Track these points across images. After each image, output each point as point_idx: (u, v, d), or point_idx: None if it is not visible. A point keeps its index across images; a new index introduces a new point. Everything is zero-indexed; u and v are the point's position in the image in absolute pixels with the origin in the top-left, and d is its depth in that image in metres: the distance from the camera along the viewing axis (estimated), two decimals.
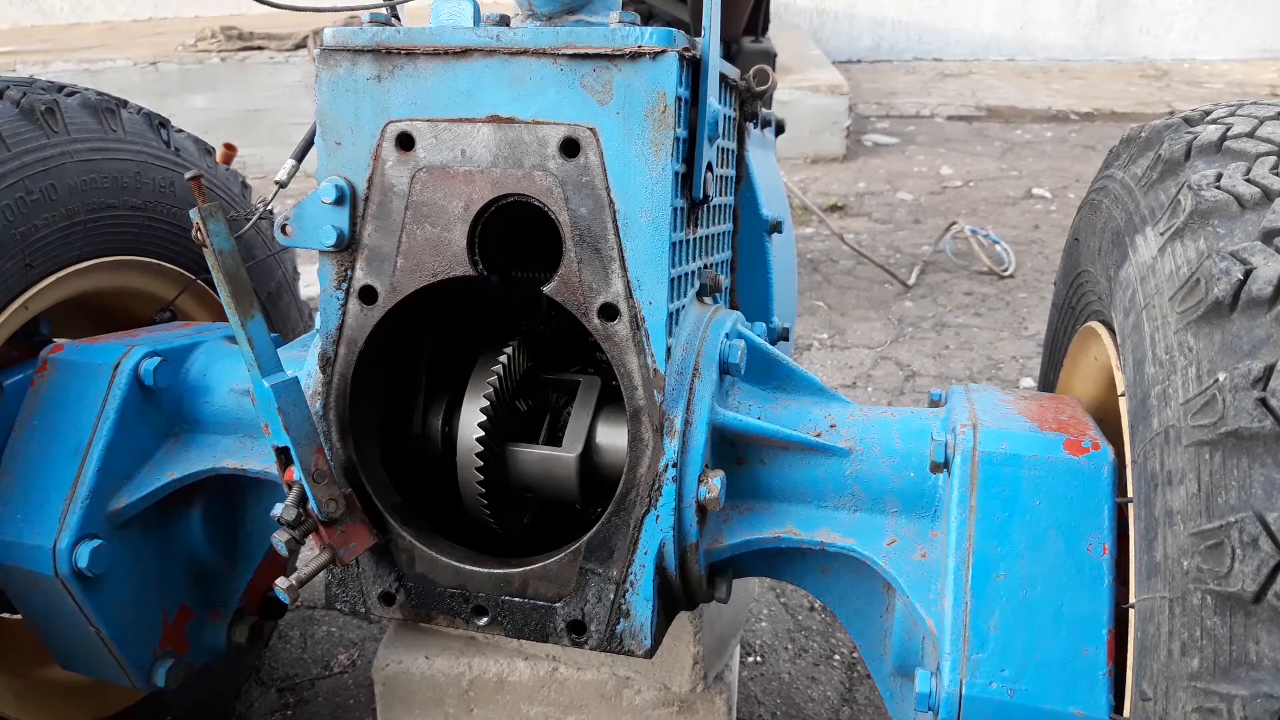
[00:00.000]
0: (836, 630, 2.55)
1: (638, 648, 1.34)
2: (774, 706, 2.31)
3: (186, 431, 1.66)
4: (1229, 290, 0.98)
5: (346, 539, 1.36)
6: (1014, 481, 1.21)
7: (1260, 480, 0.87)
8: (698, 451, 1.32)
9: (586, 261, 1.28)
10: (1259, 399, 0.90)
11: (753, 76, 1.67)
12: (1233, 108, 1.29)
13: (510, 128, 1.28)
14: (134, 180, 1.83)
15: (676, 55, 1.24)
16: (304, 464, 1.29)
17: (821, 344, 4.39)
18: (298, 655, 2.49)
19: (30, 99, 1.66)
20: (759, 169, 1.98)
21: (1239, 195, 1.07)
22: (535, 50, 1.26)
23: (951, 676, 1.14)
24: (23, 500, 1.55)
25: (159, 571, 1.67)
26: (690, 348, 1.37)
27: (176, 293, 1.98)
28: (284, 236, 1.38)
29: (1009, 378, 4.04)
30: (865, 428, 1.40)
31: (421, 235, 1.33)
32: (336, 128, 1.35)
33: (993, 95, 9.73)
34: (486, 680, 1.81)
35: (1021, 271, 5.23)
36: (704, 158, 1.34)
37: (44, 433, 1.58)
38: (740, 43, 4.32)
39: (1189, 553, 0.91)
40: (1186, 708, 0.87)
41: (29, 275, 1.64)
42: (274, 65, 7.78)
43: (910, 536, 1.33)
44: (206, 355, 1.69)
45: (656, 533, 1.32)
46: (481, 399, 1.42)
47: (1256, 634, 0.84)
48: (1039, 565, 1.17)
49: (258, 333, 1.26)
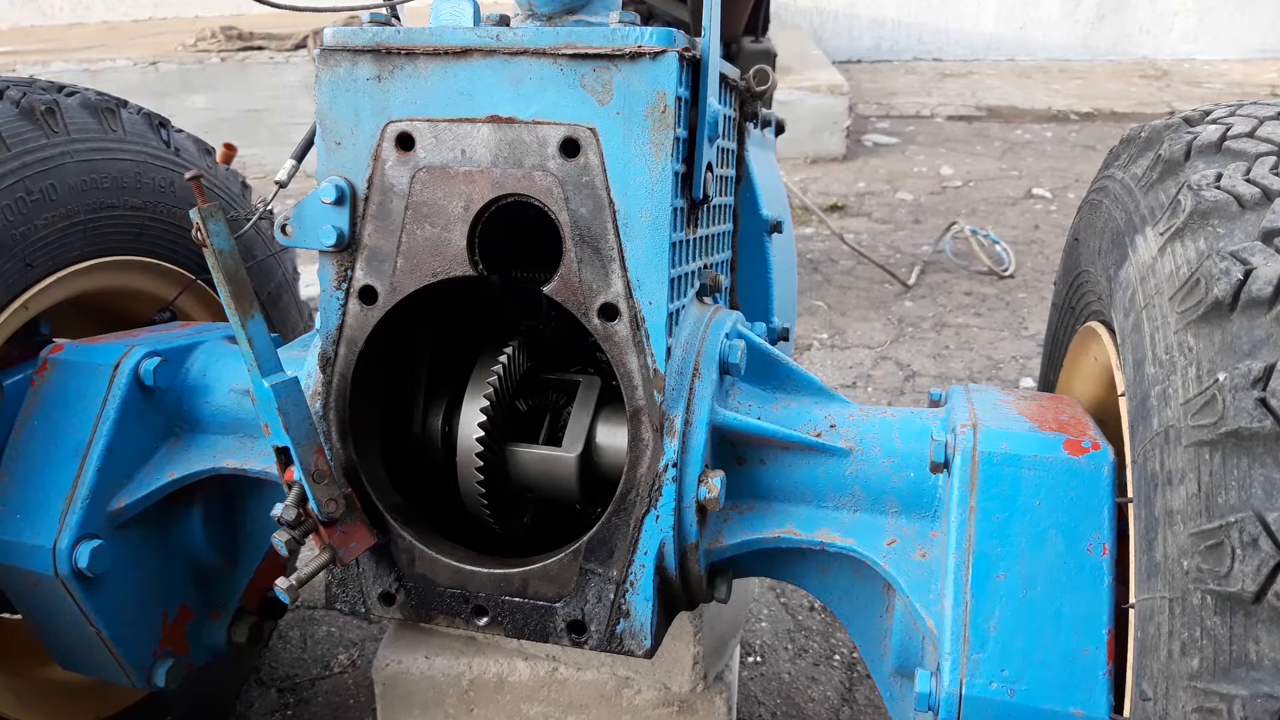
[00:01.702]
0: (836, 630, 2.55)
1: (638, 648, 1.34)
2: (774, 706, 2.31)
3: (186, 431, 1.66)
4: (1229, 290, 0.98)
5: (346, 539, 1.36)
6: (1014, 481, 1.21)
7: (1260, 480, 0.87)
8: (698, 451, 1.32)
9: (586, 261, 1.28)
10: (1259, 399, 0.90)
11: (753, 76, 1.67)
12: (1233, 108, 1.29)
13: (510, 128, 1.28)
14: (134, 180, 1.83)
15: (676, 55, 1.24)
16: (304, 464, 1.29)
17: (821, 344, 4.39)
18: (298, 655, 2.49)
19: (30, 99, 1.66)
20: (759, 169, 1.98)
21: (1239, 195, 1.07)
22: (535, 50, 1.26)
23: (951, 676, 1.14)
24: (23, 500, 1.55)
25: (159, 571, 1.67)
26: (690, 348, 1.37)
27: (176, 293, 1.98)
28: (284, 236, 1.38)
29: (1009, 378, 4.04)
30: (865, 428, 1.40)
31: (421, 235, 1.33)
32: (336, 128, 1.35)
33: (993, 95, 9.73)
34: (486, 680, 1.81)
35: (1021, 271, 5.23)
36: (704, 158, 1.34)
37: (44, 433, 1.58)
38: (740, 43, 4.32)
39: (1189, 553, 0.91)
40: (1186, 708, 0.87)
41: (29, 275, 1.64)
42: (274, 65, 7.78)
43: (910, 536, 1.33)
44: (206, 355, 1.69)
45: (656, 533, 1.32)
46: (481, 399, 1.42)
47: (1256, 634, 0.84)
48: (1039, 565, 1.17)
49: (258, 333, 1.26)
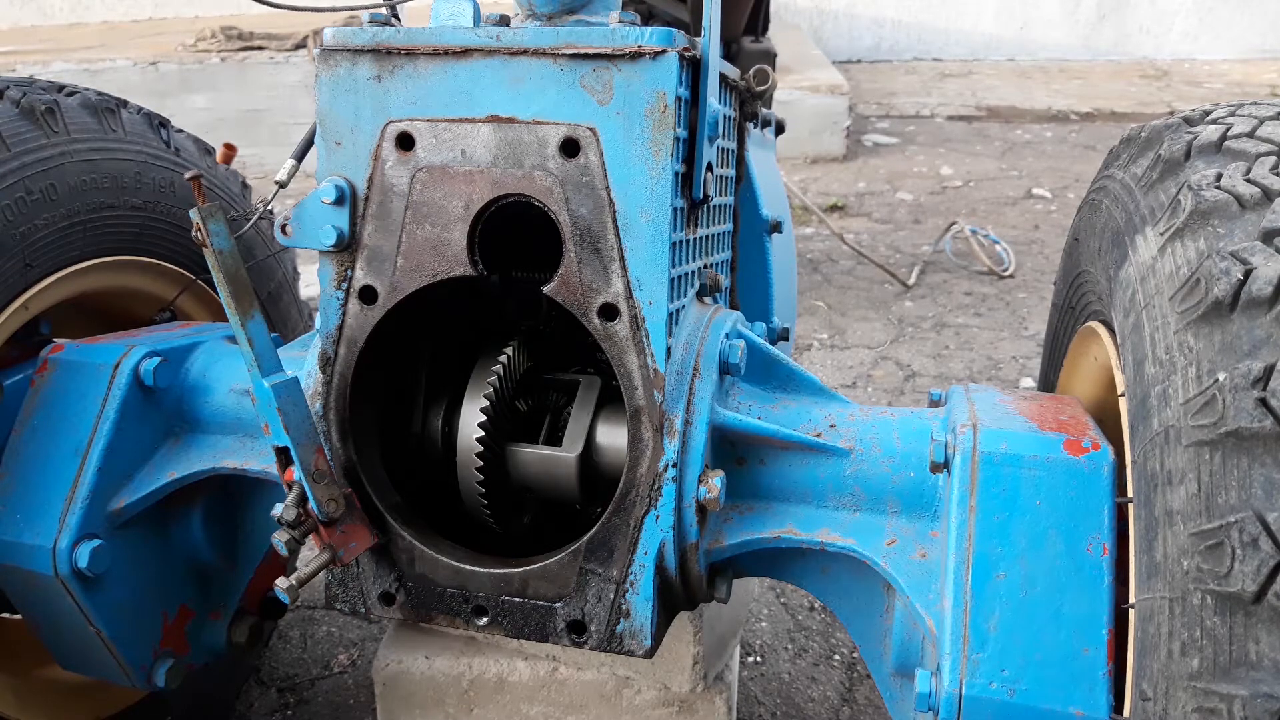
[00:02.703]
0: (836, 630, 2.55)
1: (638, 648, 1.34)
2: (774, 706, 2.31)
3: (186, 431, 1.66)
4: (1229, 290, 0.98)
5: (346, 539, 1.36)
6: (1014, 481, 1.21)
7: (1260, 480, 0.87)
8: (698, 451, 1.32)
9: (586, 261, 1.28)
10: (1259, 399, 0.90)
11: (753, 76, 1.67)
12: (1233, 108, 1.29)
13: (510, 128, 1.28)
14: (134, 180, 1.83)
15: (676, 55, 1.23)
16: (304, 464, 1.29)
17: (821, 344, 4.39)
18: (298, 655, 2.49)
19: (30, 99, 1.66)
20: (759, 169, 1.98)
21: (1239, 195, 1.06)
22: (535, 50, 1.26)
23: (951, 676, 1.14)
24: (23, 500, 1.55)
25: (159, 571, 1.67)
26: (690, 348, 1.37)
27: (176, 293, 1.98)
28: (284, 236, 1.38)
29: (1009, 378, 4.04)
30: (865, 428, 1.40)
31: (421, 235, 1.33)
32: (336, 128, 1.35)
33: (993, 95, 9.73)
34: (486, 680, 1.81)
35: (1021, 271, 5.23)
36: (704, 158, 1.34)
37: (44, 433, 1.58)
38: (740, 43, 4.32)
39: (1189, 553, 0.91)
40: (1186, 708, 0.87)
41: (29, 275, 1.64)
42: (274, 65, 7.78)
43: (910, 536, 1.33)
44: (206, 355, 1.69)
45: (656, 533, 1.32)
46: (481, 399, 1.42)
47: (1256, 634, 0.84)
48: (1039, 565, 1.17)
49: (258, 333, 1.26)
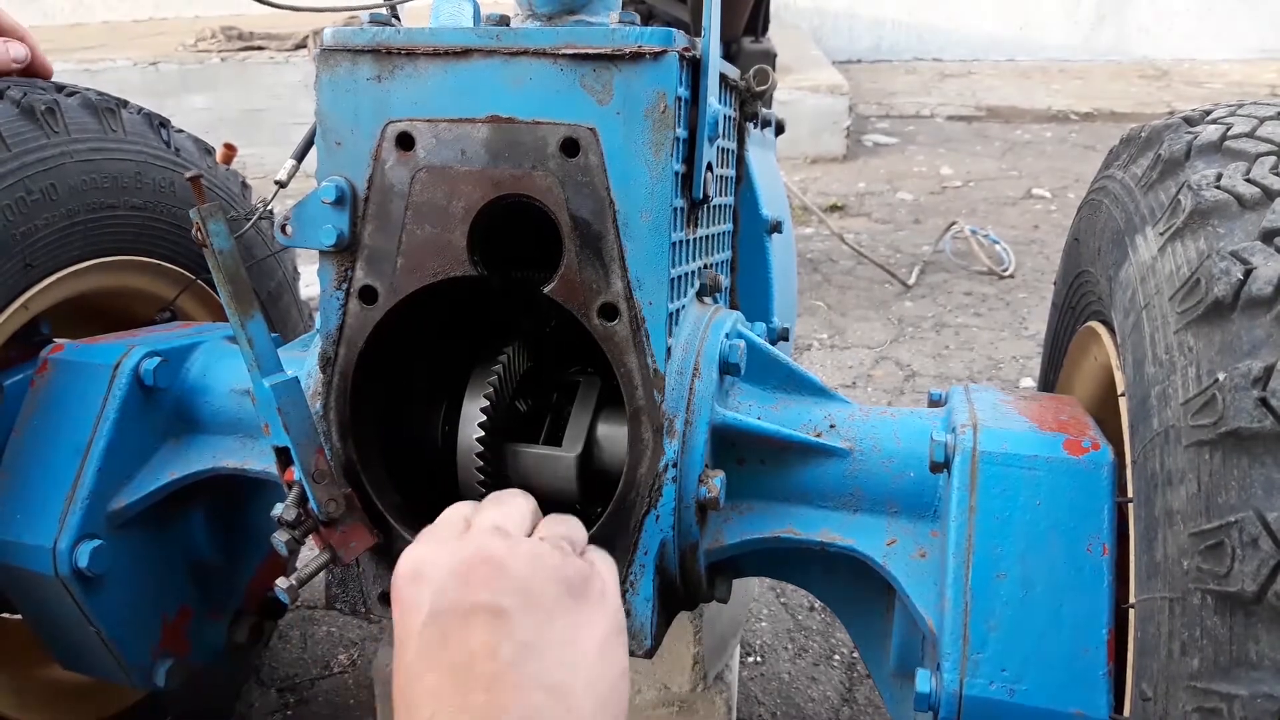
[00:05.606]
0: (836, 630, 2.55)
1: (638, 648, 1.33)
2: (774, 706, 2.31)
3: (186, 432, 1.66)
4: (1229, 290, 0.98)
5: (346, 539, 1.35)
6: (1014, 481, 1.21)
7: (1260, 480, 0.87)
8: (698, 452, 1.32)
9: (586, 261, 1.28)
10: (1259, 399, 0.90)
11: (753, 76, 1.66)
12: (1233, 108, 1.29)
13: (510, 128, 1.28)
14: (134, 180, 1.83)
15: (676, 55, 1.23)
16: (304, 464, 1.29)
17: (821, 344, 4.39)
18: (298, 655, 2.49)
19: (30, 99, 1.66)
20: (759, 169, 1.98)
21: (1239, 195, 1.06)
22: (535, 50, 1.26)
23: (951, 676, 1.14)
24: (22, 500, 1.54)
25: (159, 571, 1.67)
26: (690, 348, 1.37)
27: (176, 293, 1.98)
28: (284, 236, 1.38)
29: (1009, 378, 4.04)
30: (865, 428, 1.40)
31: (421, 235, 1.33)
32: (336, 128, 1.35)
33: (993, 95, 9.73)
34: None
35: (1021, 271, 5.23)
36: (704, 158, 1.34)
37: (44, 433, 1.58)
38: (740, 43, 4.32)
39: (1189, 553, 0.91)
40: (1186, 708, 0.87)
41: (29, 275, 1.64)
42: (274, 65, 7.78)
43: (910, 536, 1.33)
44: (206, 355, 1.69)
45: (657, 533, 1.32)
46: (481, 399, 1.42)
47: (1256, 634, 0.84)
48: (1039, 565, 1.17)
49: (258, 333, 1.26)
